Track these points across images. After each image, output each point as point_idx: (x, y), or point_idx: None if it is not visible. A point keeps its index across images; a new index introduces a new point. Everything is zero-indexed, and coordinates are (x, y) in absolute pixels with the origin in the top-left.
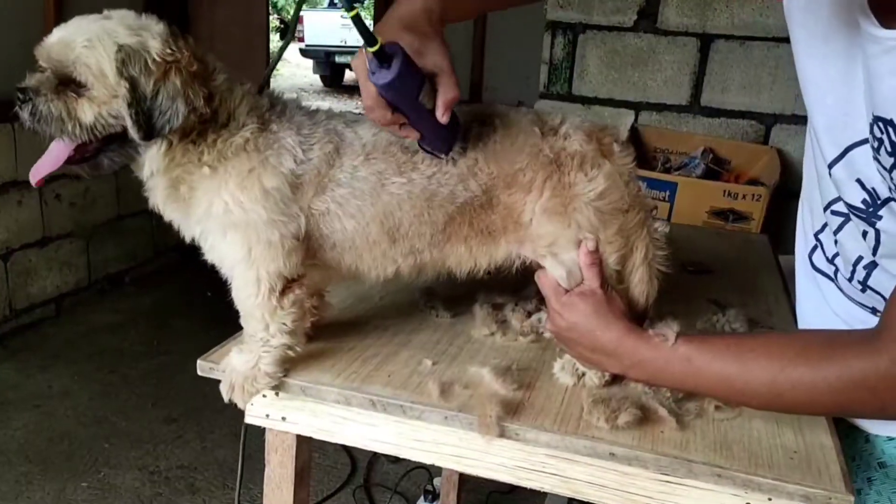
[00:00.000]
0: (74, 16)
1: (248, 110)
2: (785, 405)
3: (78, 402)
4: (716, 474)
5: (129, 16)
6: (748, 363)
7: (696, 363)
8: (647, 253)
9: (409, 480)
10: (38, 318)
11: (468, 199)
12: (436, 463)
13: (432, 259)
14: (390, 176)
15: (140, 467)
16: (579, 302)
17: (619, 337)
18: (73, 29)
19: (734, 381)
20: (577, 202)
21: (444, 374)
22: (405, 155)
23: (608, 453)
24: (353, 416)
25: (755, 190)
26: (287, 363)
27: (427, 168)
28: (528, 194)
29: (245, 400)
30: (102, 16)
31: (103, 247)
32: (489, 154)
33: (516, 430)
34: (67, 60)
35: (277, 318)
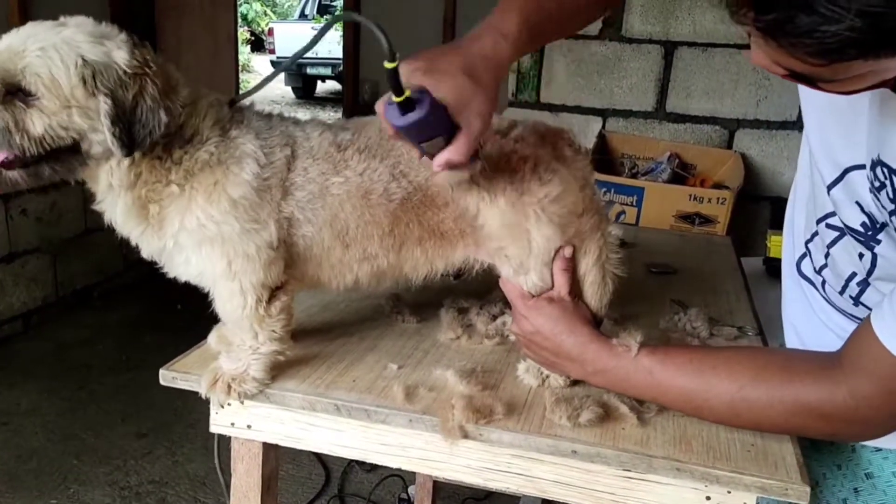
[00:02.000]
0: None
1: (211, 123)
2: (742, 423)
3: (46, 418)
4: (675, 468)
5: (86, 23)
6: (709, 380)
7: (657, 376)
8: (601, 255)
9: (383, 489)
10: (6, 334)
11: (406, 196)
12: (403, 466)
13: (389, 265)
14: (330, 176)
15: (110, 483)
16: (546, 306)
17: (584, 343)
18: (25, 36)
19: (694, 397)
20: (529, 208)
21: (409, 377)
22: (339, 153)
23: (570, 451)
24: (318, 422)
25: (720, 194)
26: (275, 369)
27: (357, 164)
28: (480, 198)
29: (226, 398)
30: (57, 23)
31: (71, 262)
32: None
33: (479, 432)
34: (16, 69)
35: (266, 325)
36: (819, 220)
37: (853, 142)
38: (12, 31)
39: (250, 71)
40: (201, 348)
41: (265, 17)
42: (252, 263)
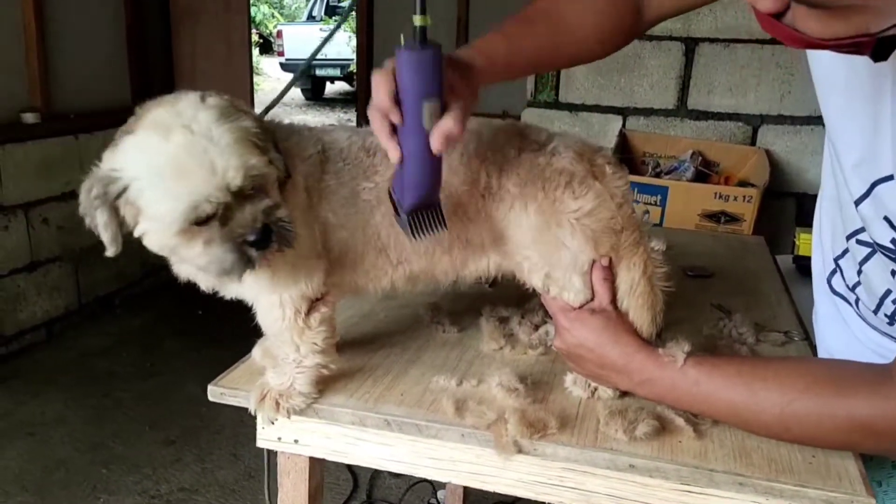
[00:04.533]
0: (56, 35)
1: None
2: (791, 437)
3: (72, 427)
4: (737, 483)
5: (212, 105)
6: (757, 393)
7: (704, 388)
8: (647, 269)
9: (411, 494)
10: (29, 343)
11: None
12: (452, 480)
13: (421, 269)
14: (361, 181)
15: (140, 492)
16: (588, 318)
17: (629, 354)
18: (209, 145)
19: (742, 410)
20: (563, 219)
21: (457, 390)
22: (369, 158)
23: (628, 465)
24: (367, 437)
25: (746, 192)
26: (321, 383)
27: (386, 170)
28: (510, 208)
29: (274, 415)
30: (187, 118)
31: (92, 269)
32: (454, 164)
33: (534, 446)
34: (255, 173)
35: (307, 338)
36: (849, 237)
37: (878, 153)
38: (185, 153)
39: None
40: (246, 363)
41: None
42: (294, 273)
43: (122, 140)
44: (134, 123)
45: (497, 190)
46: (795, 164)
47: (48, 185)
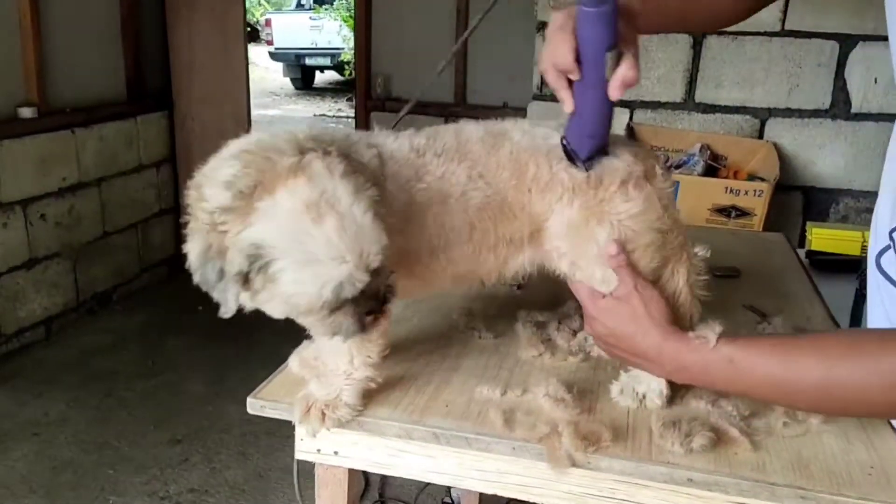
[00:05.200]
0: (52, 29)
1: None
2: (834, 405)
3: (77, 428)
4: (799, 496)
5: (340, 172)
6: (796, 362)
7: (740, 364)
8: (689, 276)
9: (425, 494)
10: (29, 341)
11: (483, 200)
12: (498, 492)
13: (468, 270)
14: (415, 183)
15: (149, 493)
16: (616, 306)
17: (660, 342)
18: (357, 230)
19: (781, 383)
20: (605, 218)
21: (503, 401)
22: (419, 158)
23: (686, 479)
24: (410, 449)
25: (757, 185)
26: (367, 396)
27: (436, 168)
28: (558, 198)
29: (320, 426)
30: (329, 195)
31: (90, 266)
32: (502, 160)
33: (588, 460)
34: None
35: (364, 350)
36: None
37: None
38: (332, 224)
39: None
40: (283, 374)
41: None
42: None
43: (258, 210)
44: (257, 182)
45: (548, 180)
46: (803, 157)
47: (46, 181)
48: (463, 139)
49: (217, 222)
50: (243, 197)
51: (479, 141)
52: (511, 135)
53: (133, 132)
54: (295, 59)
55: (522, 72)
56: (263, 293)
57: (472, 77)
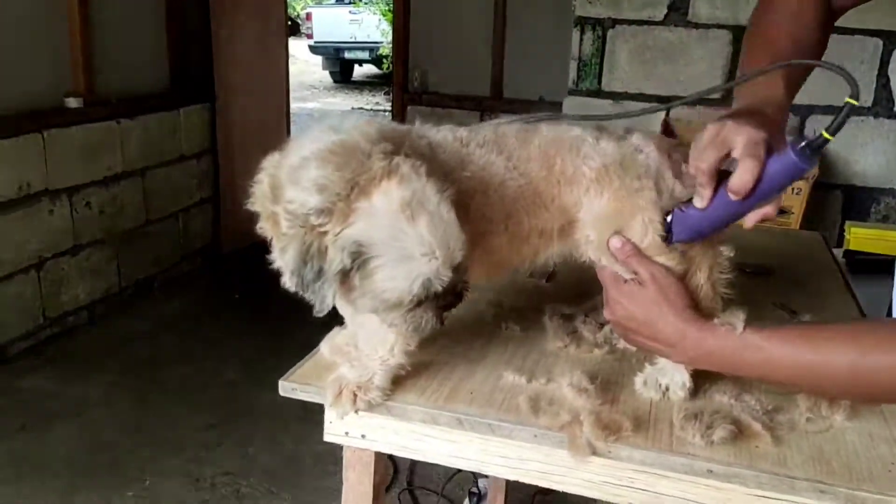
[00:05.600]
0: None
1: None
2: (865, 391)
3: (117, 410)
4: (818, 490)
5: (423, 173)
6: (826, 349)
7: (768, 351)
8: (712, 273)
9: (452, 482)
10: (72, 325)
11: (518, 189)
12: (520, 479)
13: (503, 258)
14: (459, 171)
15: (185, 475)
16: (639, 292)
17: (682, 328)
18: (445, 227)
19: (811, 370)
20: (638, 211)
21: (527, 389)
22: (464, 148)
23: (706, 470)
24: (435, 434)
25: (795, 183)
26: (395, 382)
27: (479, 159)
28: (585, 191)
29: (351, 408)
30: (420, 194)
31: (132, 253)
32: (532, 153)
33: (609, 448)
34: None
35: (404, 339)
36: None
37: None
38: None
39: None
40: (314, 358)
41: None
42: None
43: (358, 210)
44: (351, 182)
45: (572, 173)
46: (844, 156)
47: (91, 170)
48: (500, 132)
49: (314, 224)
50: (342, 198)
51: (514, 135)
52: (538, 129)
53: (176, 123)
54: (334, 53)
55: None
56: (357, 290)
57: (508, 71)
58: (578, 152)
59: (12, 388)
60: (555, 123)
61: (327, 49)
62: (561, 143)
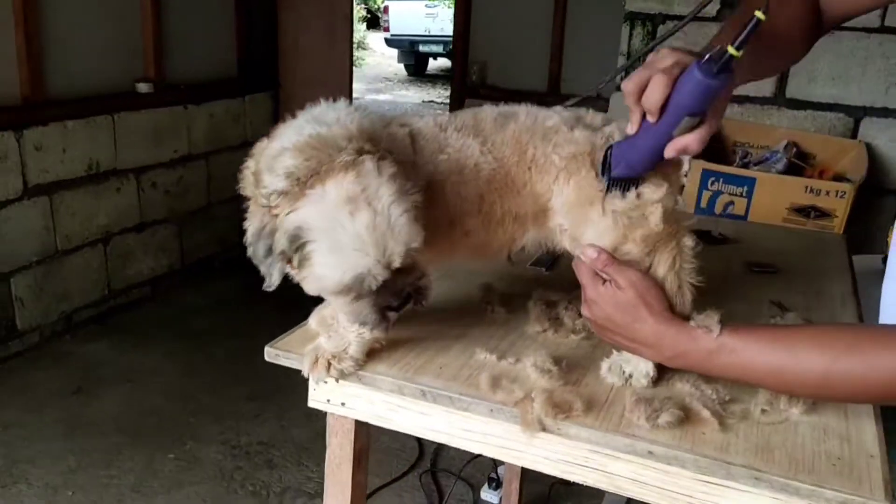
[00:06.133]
0: (170, 10)
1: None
2: (834, 395)
3: (167, 378)
4: (753, 477)
5: (389, 174)
6: (798, 353)
7: (742, 355)
8: (675, 263)
9: (473, 467)
10: (136, 298)
11: (491, 173)
12: (484, 453)
13: (481, 241)
14: (437, 154)
15: (222, 442)
16: (616, 293)
17: (659, 330)
18: (387, 230)
19: (785, 372)
20: (596, 199)
21: (495, 368)
22: (442, 132)
23: (647, 451)
24: (407, 405)
25: (839, 186)
26: (371, 354)
27: (456, 141)
28: (554, 180)
29: (325, 375)
30: (372, 193)
31: (195, 232)
32: (507, 138)
33: (558, 426)
34: (409, 256)
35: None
36: None
37: None
38: None
39: (365, 48)
40: (302, 328)
41: None
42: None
43: (307, 197)
44: (313, 171)
45: (543, 162)
46: None
47: (158, 152)
48: (479, 118)
49: (272, 205)
50: (298, 184)
51: (492, 120)
52: (518, 115)
53: (240, 110)
54: (409, 46)
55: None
56: (301, 271)
57: (566, 66)
58: (550, 140)
59: (74, 354)
60: (533, 111)
61: (402, 42)
62: (535, 130)
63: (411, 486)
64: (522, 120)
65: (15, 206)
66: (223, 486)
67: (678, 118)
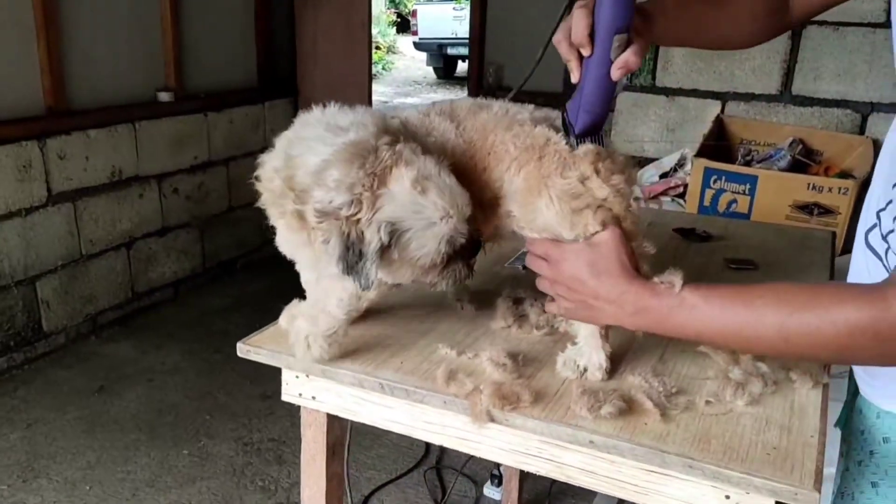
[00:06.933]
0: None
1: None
2: (791, 350)
3: (186, 377)
4: (687, 466)
5: (419, 149)
6: (757, 309)
7: (702, 312)
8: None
9: (477, 464)
10: (158, 300)
11: (461, 153)
12: (444, 444)
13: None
14: (424, 137)
15: (235, 439)
16: (583, 250)
17: (623, 285)
18: (451, 190)
19: (743, 328)
20: (545, 192)
21: (454, 362)
22: (426, 118)
23: (588, 441)
24: (371, 398)
25: (842, 183)
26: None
27: (438, 125)
28: (507, 168)
29: (305, 353)
30: (423, 169)
31: (216, 236)
32: (477, 124)
33: (506, 417)
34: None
35: (354, 297)
36: (894, 185)
37: None
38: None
39: (395, 52)
40: (274, 327)
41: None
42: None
43: (382, 196)
44: (371, 174)
45: (500, 150)
46: None
47: (179, 159)
48: (455, 106)
49: (347, 215)
50: (367, 189)
51: (467, 108)
52: (492, 107)
53: (260, 116)
54: (437, 49)
55: None
56: (396, 262)
57: None
58: (510, 131)
59: (97, 354)
60: (508, 106)
61: (431, 45)
62: (501, 121)
63: (416, 482)
64: (495, 110)
65: (40, 212)
66: (234, 481)
67: (609, 39)
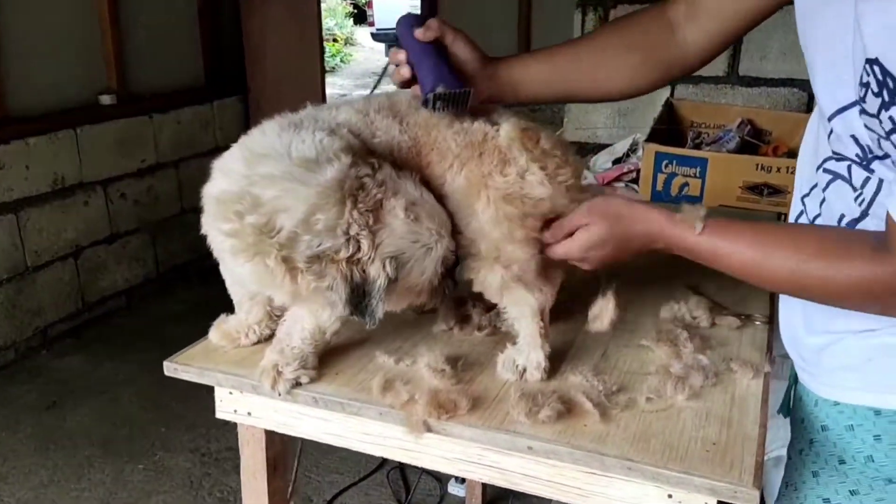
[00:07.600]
0: (130, 18)
1: None
2: (802, 294)
3: (141, 389)
4: (626, 468)
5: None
6: (771, 255)
7: (721, 252)
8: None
9: None
10: (110, 309)
11: (408, 151)
12: (385, 455)
13: None
14: (370, 139)
15: (192, 450)
16: (589, 233)
17: (649, 225)
18: (440, 215)
19: (759, 269)
20: (483, 192)
21: (391, 370)
22: (366, 118)
23: (526, 447)
24: (306, 412)
25: (790, 163)
26: None
27: (381, 123)
28: (448, 166)
29: (273, 385)
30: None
31: (169, 241)
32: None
33: (443, 426)
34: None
35: (317, 326)
36: (818, 168)
37: (845, 78)
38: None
39: (353, 44)
40: (204, 342)
41: None
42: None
43: (379, 232)
44: (365, 213)
45: (443, 146)
46: None
47: (125, 163)
48: (394, 100)
49: (346, 257)
50: (363, 228)
51: (407, 102)
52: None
53: (209, 116)
54: (395, 40)
55: None
56: (396, 292)
57: None
58: (451, 127)
59: (48, 368)
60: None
61: (389, 36)
62: (440, 119)
63: (379, 483)
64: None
65: None
66: (191, 493)
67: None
